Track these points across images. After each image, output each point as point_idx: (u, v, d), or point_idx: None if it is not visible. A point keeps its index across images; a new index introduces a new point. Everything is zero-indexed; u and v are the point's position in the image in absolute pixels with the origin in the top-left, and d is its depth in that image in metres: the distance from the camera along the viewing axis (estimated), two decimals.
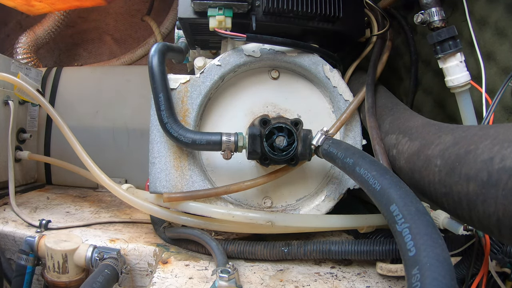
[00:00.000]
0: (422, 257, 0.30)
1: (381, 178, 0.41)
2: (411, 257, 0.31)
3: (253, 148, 0.62)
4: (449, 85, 0.65)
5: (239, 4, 0.66)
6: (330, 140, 0.58)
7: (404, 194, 0.37)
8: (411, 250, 0.31)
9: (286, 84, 0.74)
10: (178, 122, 0.65)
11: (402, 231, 0.33)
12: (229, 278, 0.53)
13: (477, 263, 0.52)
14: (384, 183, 0.40)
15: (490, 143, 0.34)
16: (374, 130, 0.65)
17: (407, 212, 0.35)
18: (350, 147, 0.52)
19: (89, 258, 0.67)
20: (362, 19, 0.80)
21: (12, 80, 0.89)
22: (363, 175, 0.44)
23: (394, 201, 0.37)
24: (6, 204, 0.97)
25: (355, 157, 0.48)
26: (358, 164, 0.46)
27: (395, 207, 0.36)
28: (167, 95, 0.65)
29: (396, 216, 0.35)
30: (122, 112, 1.29)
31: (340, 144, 0.55)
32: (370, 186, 0.42)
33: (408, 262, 0.31)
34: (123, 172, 1.28)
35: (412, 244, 0.31)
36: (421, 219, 0.34)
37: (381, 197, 0.39)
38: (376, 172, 0.42)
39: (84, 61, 2.06)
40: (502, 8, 0.64)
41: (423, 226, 0.33)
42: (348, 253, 0.63)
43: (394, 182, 0.39)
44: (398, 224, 0.34)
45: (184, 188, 0.70)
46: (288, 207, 0.74)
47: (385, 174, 0.41)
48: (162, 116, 0.64)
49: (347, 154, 0.50)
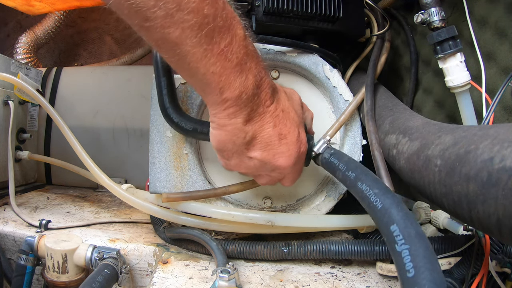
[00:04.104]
0: (420, 279, 0.31)
1: (383, 197, 0.41)
2: (410, 278, 0.31)
3: None
4: (449, 85, 0.65)
5: (239, 4, 0.66)
6: (332, 149, 0.58)
7: (405, 216, 0.38)
8: (410, 271, 0.32)
9: (286, 84, 0.74)
10: (179, 108, 0.63)
11: (401, 251, 0.34)
12: (229, 278, 0.53)
13: (477, 263, 0.52)
14: (386, 202, 0.40)
15: (490, 143, 0.34)
16: (373, 135, 0.65)
17: (407, 234, 0.35)
18: (352, 160, 0.53)
19: (89, 258, 0.67)
20: (362, 19, 0.80)
21: (12, 80, 0.89)
22: (364, 191, 0.44)
23: (395, 221, 0.37)
24: (6, 204, 0.97)
25: (357, 172, 0.48)
26: (361, 180, 0.46)
27: (396, 227, 0.36)
28: (170, 80, 0.63)
29: (396, 236, 0.36)
30: (122, 112, 1.29)
31: (342, 155, 0.55)
32: (371, 203, 0.42)
33: (406, 283, 0.32)
34: (123, 172, 1.28)
35: (411, 265, 0.32)
36: (420, 242, 0.34)
37: (382, 216, 0.40)
38: (378, 191, 0.43)
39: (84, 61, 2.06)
40: (502, 8, 0.64)
41: (422, 249, 0.33)
42: (348, 253, 0.63)
43: (395, 203, 0.40)
44: (398, 244, 0.35)
45: (184, 188, 0.70)
46: (288, 207, 0.74)
47: (387, 194, 0.42)
48: (164, 101, 0.62)
49: (349, 167, 0.50)
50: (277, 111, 0.52)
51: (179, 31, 0.40)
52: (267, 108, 0.50)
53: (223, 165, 0.57)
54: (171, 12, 0.39)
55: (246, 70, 0.46)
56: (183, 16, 0.39)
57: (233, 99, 0.46)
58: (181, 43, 0.41)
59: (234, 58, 0.44)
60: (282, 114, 0.52)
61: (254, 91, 0.47)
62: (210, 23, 0.41)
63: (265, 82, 0.50)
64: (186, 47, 0.42)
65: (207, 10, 0.40)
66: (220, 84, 0.45)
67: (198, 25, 0.40)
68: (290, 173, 0.56)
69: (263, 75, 0.49)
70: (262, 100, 0.50)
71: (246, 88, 0.46)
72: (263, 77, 0.49)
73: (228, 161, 0.55)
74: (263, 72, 0.49)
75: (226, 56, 0.44)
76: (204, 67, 0.43)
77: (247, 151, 0.52)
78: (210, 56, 0.43)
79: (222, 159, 0.56)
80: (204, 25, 0.41)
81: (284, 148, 0.52)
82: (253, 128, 0.50)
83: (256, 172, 0.56)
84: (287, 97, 0.56)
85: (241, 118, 0.48)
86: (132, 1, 0.38)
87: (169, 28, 0.40)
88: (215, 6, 0.41)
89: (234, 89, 0.46)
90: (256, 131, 0.50)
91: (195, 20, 0.40)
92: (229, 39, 0.44)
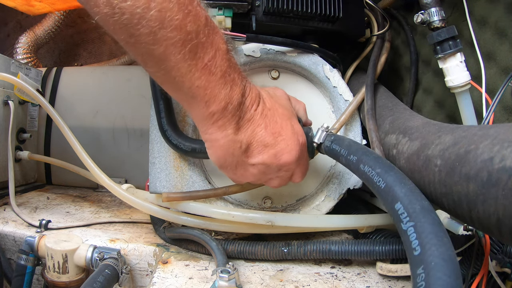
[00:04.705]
0: (427, 256, 0.30)
1: (385, 175, 0.40)
2: (416, 256, 0.30)
3: None
4: (449, 85, 0.65)
5: (239, 4, 0.66)
6: (332, 136, 0.57)
7: (409, 191, 0.37)
8: (416, 249, 0.31)
9: (286, 84, 0.74)
10: (178, 129, 0.66)
11: (407, 229, 0.33)
12: (229, 278, 0.53)
13: (477, 263, 0.52)
14: (388, 180, 0.40)
15: (490, 143, 0.34)
16: (374, 133, 0.65)
17: (412, 210, 0.34)
18: (353, 143, 0.52)
19: (89, 258, 0.67)
20: (362, 19, 0.80)
21: (12, 80, 0.89)
22: (367, 172, 0.43)
23: (399, 199, 0.36)
24: (6, 204, 0.97)
25: (359, 154, 0.47)
26: (362, 161, 0.45)
27: (400, 205, 0.36)
28: (167, 102, 0.65)
29: (401, 214, 0.35)
30: (122, 112, 1.29)
31: (343, 140, 0.54)
32: (375, 184, 0.41)
33: (413, 261, 0.31)
34: (123, 172, 1.28)
35: (417, 243, 0.31)
36: (426, 217, 0.33)
37: (386, 195, 0.39)
38: (380, 170, 0.42)
39: (84, 61, 2.06)
40: (502, 8, 0.64)
41: (428, 224, 0.32)
42: (348, 253, 0.63)
43: (398, 179, 0.39)
44: (403, 222, 0.34)
45: (184, 188, 0.70)
46: (288, 207, 0.74)
47: (390, 171, 0.41)
48: (162, 124, 0.65)
49: (350, 151, 0.50)
50: (265, 111, 0.52)
51: (163, 48, 0.41)
52: (254, 111, 0.51)
53: (232, 180, 0.58)
54: (154, 30, 0.39)
55: (230, 81, 0.47)
56: (166, 34, 0.40)
57: (219, 111, 0.47)
58: (165, 59, 0.42)
59: (218, 72, 0.45)
60: (270, 113, 0.52)
61: (239, 100, 0.48)
62: (193, 39, 0.42)
63: (247, 89, 0.50)
64: (170, 62, 0.42)
65: (189, 27, 0.41)
66: (205, 98, 0.46)
67: (182, 42, 0.41)
68: (297, 167, 0.56)
69: (245, 83, 0.50)
70: (248, 106, 0.50)
71: (231, 99, 0.47)
72: (246, 85, 0.50)
73: (234, 175, 0.55)
74: (244, 80, 0.50)
75: (210, 70, 0.44)
76: (189, 81, 0.44)
77: (247, 159, 0.52)
78: (195, 70, 0.43)
79: (228, 174, 0.56)
80: (188, 42, 0.41)
81: (283, 144, 0.52)
82: (246, 135, 0.50)
83: (264, 177, 0.56)
84: (271, 95, 0.56)
85: (231, 129, 0.49)
86: (117, 18, 0.38)
87: (153, 45, 0.40)
88: (197, 22, 0.42)
89: (219, 101, 0.46)
90: (249, 137, 0.51)
91: (179, 37, 0.41)
92: (213, 53, 0.44)
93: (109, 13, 0.38)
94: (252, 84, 0.52)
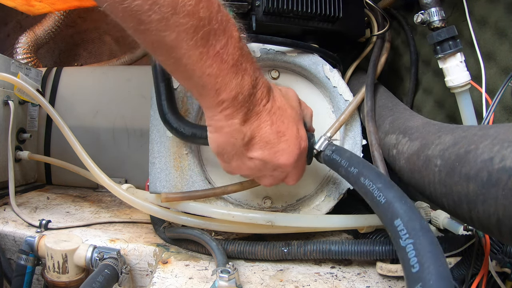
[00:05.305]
0: (425, 274, 0.30)
1: (386, 191, 0.41)
2: (414, 273, 0.31)
3: None
4: (449, 85, 0.65)
5: (239, 4, 0.66)
6: (333, 146, 0.58)
7: (409, 209, 0.37)
8: (415, 266, 0.31)
9: (286, 84, 0.74)
10: (178, 113, 0.64)
11: (406, 246, 0.33)
12: (229, 278, 0.53)
13: (477, 263, 0.52)
14: (389, 196, 0.40)
15: (490, 143, 0.34)
16: (373, 136, 0.65)
17: (411, 227, 0.35)
18: (355, 156, 0.52)
19: (89, 258, 0.67)
20: (362, 19, 0.80)
21: (12, 80, 0.89)
22: (367, 186, 0.44)
23: (399, 215, 0.37)
24: (6, 204, 0.97)
25: (360, 167, 0.48)
26: (363, 175, 0.46)
27: (400, 221, 0.36)
28: (169, 86, 0.63)
29: (400, 231, 0.35)
30: (122, 112, 1.29)
31: (344, 151, 0.55)
32: (375, 198, 0.42)
33: (411, 278, 0.31)
34: (123, 172, 1.28)
35: (415, 260, 0.32)
36: (425, 236, 0.34)
37: (385, 210, 0.39)
38: (381, 185, 0.42)
39: (84, 61, 2.06)
40: (502, 8, 0.64)
41: (427, 243, 0.33)
42: (348, 253, 0.63)
43: (399, 196, 0.40)
44: (402, 239, 0.34)
45: (184, 188, 0.70)
46: (288, 207, 0.74)
47: (391, 188, 0.41)
48: (163, 107, 0.63)
49: (351, 163, 0.50)
50: (274, 109, 0.51)
51: (174, 35, 0.40)
52: (263, 107, 0.50)
53: (224, 169, 0.57)
54: (167, 16, 0.39)
55: (242, 70, 0.46)
56: (178, 20, 0.39)
57: (229, 100, 0.46)
58: (177, 46, 0.41)
59: (230, 60, 0.44)
60: (279, 112, 0.52)
61: (250, 91, 0.47)
62: (206, 26, 0.41)
63: (260, 81, 0.50)
64: (181, 50, 0.42)
65: (202, 13, 0.40)
66: (216, 86, 0.45)
67: (194, 28, 0.40)
68: (292, 171, 0.56)
69: (258, 75, 0.49)
70: (258, 100, 0.49)
71: (242, 89, 0.46)
72: (258, 77, 0.49)
73: (229, 164, 0.55)
74: (257, 72, 0.49)
75: (222, 58, 0.44)
76: (200, 69, 0.43)
77: (247, 152, 0.52)
78: (206, 58, 0.43)
79: (223, 163, 0.56)
80: (200, 28, 0.41)
81: (284, 145, 0.52)
82: (251, 128, 0.50)
83: (259, 173, 0.56)
84: (283, 94, 0.56)
85: (238, 119, 0.48)
86: (126, 5, 0.37)
87: (165, 31, 0.40)
88: (210, 9, 0.41)
89: (230, 90, 0.46)
90: (254, 131, 0.50)
91: (191, 23, 0.40)
92: (225, 41, 0.44)
93: (118, 0, 0.37)
94: (265, 78, 0.52)
